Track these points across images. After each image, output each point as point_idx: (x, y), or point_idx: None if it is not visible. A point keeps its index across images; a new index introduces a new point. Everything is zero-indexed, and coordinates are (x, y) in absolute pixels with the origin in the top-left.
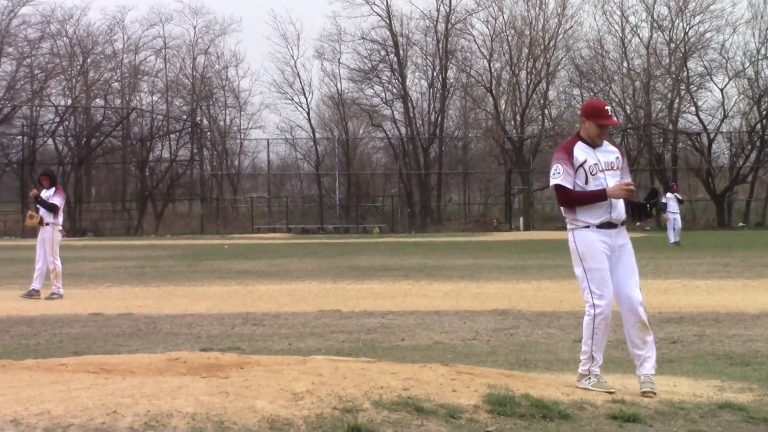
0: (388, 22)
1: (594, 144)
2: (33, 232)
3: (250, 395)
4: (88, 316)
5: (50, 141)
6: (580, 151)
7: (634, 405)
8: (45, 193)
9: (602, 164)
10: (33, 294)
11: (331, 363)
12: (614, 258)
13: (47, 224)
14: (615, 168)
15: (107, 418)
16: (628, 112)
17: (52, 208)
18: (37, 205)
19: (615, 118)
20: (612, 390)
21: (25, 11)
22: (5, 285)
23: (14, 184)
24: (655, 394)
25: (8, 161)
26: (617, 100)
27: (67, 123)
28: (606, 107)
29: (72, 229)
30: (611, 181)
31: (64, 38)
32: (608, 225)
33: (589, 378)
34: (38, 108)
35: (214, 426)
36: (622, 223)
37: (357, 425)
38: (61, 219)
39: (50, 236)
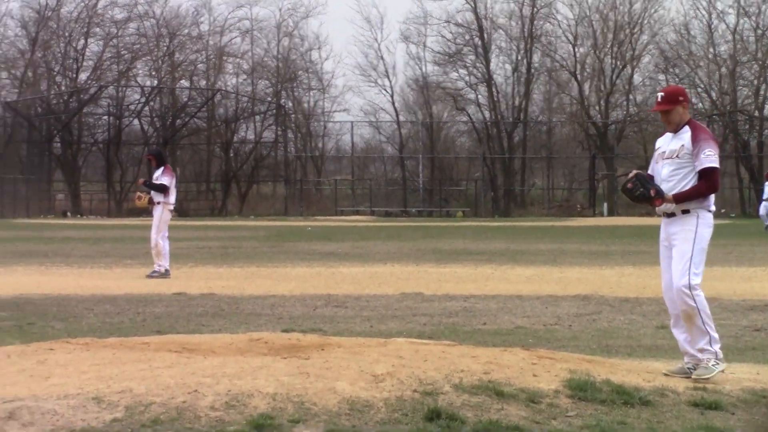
0: (473, 5)
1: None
2: (118, 211)
3: (330, 376)
4: (171, 296)
5: (136, 121)
6: (661, 137)
7: (716, 392)
8: (154, 174)
9: (667, 152)
10: (163, 273)
11: (411, 345)
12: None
13: (158, 203)
14: (676, 156)
15: (188, 397)
16: (714, 98)
17: (162, 189)
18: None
19: (658, 104)
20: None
21: None
22: (90, 264)
23: (100, 163)
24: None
25: (94, 141)
26: (703, 86)
27: (152, 104)
28: (658, 94)
29: None
30: (666, 169)
31: (151, 19)
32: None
33: (718, 362)
34: (124, 88)
35: (294, 406)
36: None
37: (437, 408)
38: (172, 198)
39: (159, 215)
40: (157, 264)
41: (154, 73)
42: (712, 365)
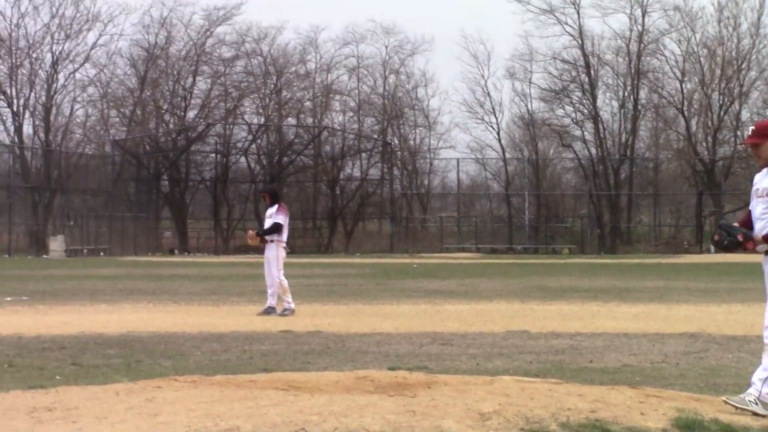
0: (579, 42)
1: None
2: (225, 249)
3: (436, 414)
4: (278, 333)
5: (243, 159)
6: (758, 173)
7: None
8: (269, 210)
9: (761, 189)
10: (269, 311)
11: (518, 383)
12: None
13: (271, 241)
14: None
15: None
16: None
17: (277, 229)
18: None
19: (749, 138)
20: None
21: (221, 30)
22: (197, 301)
23: (207, 201)
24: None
25: (202, 178)
26: None
27: (259, 141)
28: (749, 127)
29: None
30: (759, 207)
31: (258, 57)
32: None
33: (758, 402)
34: (232, 126)
35: None
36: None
37: None
38: (285, 236)
39: (275, 253)
40: (286, 302)
41: (261, 110)
42: (750, 401)
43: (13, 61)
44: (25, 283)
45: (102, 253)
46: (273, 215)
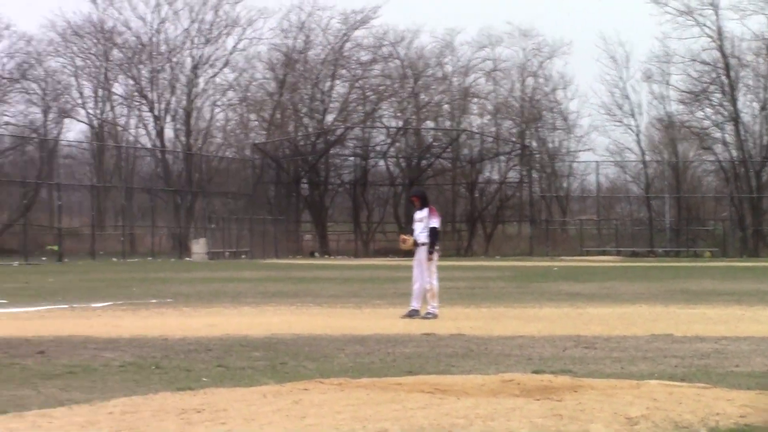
0: (718, 43)
1: None
2: (365, 252)
3: (584, 419)
4: (420, 336)
5: (381, 162)
6: None
7: None
8: (419, 214)
9: None
10: (413, 314)
11: (665, 388)
12: None
13: (422, 244)
14: None
15: None
16: None
17: (435, 235)
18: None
19: None
20: None
21: (359, 34)
22: (339, 304)
23: (347, 204)
24: None
25: (341, 181)
26: None
27: (398, 144)
28: None
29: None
30: None
31: (396, 60)
32: None
33: None
34: (370, 129)
35: None
36: None
37: None
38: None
39: (426, 257)
40: (431, 306)
41: (399, 113)
42: None
43: (154, 65)
44: (169, 285)
45: (243, 256)
46: (425, 219)
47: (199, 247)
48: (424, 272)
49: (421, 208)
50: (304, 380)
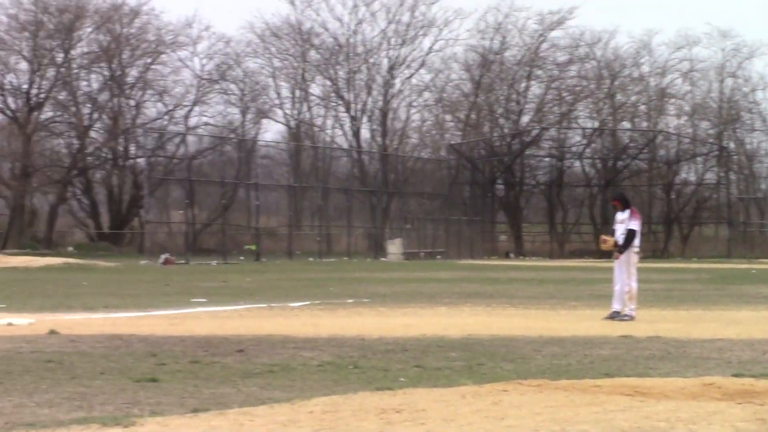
0: None
1: None
2: (560, 253)
3: None
4: (617, 338)
5: (577, 163)
6: None
7: None
8: (620, 216)
9: None
10: (614, 316)
11: None
12: None
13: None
14: None
15: None
16: None
17: (631, 236)
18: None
19: None
20: None
21: (555, 35)
22: (535, 305)
23: (542, 204)
24: None
25: (536, 182)
26: None
27: (594, 145)
28: None
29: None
30: None
31: (592, 61)
32: None
33: None
34: (566, 130)
35: None
36: None
37: None
38: (637, 241)
39: (626, 258)
40: (629, 308)
41: (595, 114)
42: None
43: (351, 66)
44: (365, 285)
45: (438, 257)
46: (626, 221)
47: (394, 247)
48: (623, 274)
49: (622, 210)
50: (502, 381)
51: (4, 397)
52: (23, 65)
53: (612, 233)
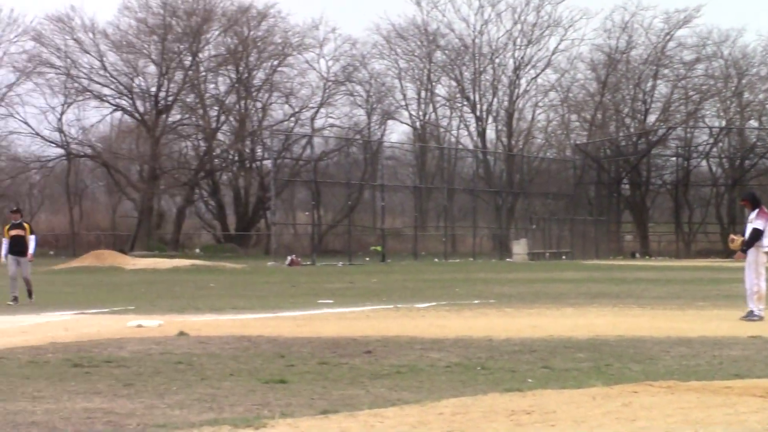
0: None
1: None
2: (687, 253)
3: None
4: (747, 339)
5: (704, 162)
6: None
7: None
8: (751, 215)
9: None
10: (749, 315)
11: None
12: None
13: (754, 247)
14: None
15: None
16: None
17: (756, 236)
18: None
19: None
20: None
21: (681, 33)
22: (662, 305)
23: (668, 204)
24: None
25: (662, 182)
26: None
27: (721, 144)
28: None
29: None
30: None
31: (719, 60)
32: None
33: None
34: (692, 129)
35: None
36: None
37: None
38: (766, 241)
39: (755, 258)
40: (758, 308)
41: (722, 113)
42: None
43: (476, 67)
44: (491, 286)
45: (564, 257)
46: (753, 221)
47: (519, 247)
48: (751, 273)
49: (752, 210)
50: (631, 383)
51: (135, 399)
52: (152, 68)
53: (743, 233)
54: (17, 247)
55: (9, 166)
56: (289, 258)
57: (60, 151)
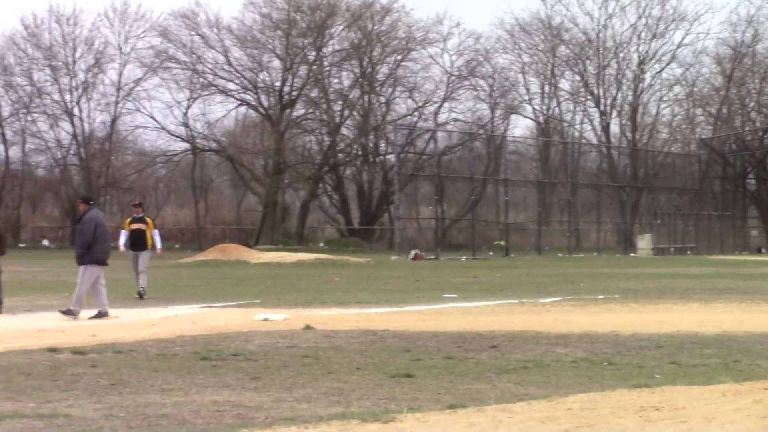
0: None
1: None
2: None
3: None
4: None
5: None
6: None
7: None
8: None
9: None
10: None
11: None
12: None
13: None
14: None
15: None
16: None
17: None
18: None
19: None
20: None
21: None
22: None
23: None
24: None
25: None
26: None
27: None
28: None
29: None
30: None
31: None
32: None
33: None
34: None
35: None
36: None
37: None
38: None
39: None
40: None
41: None
42: None
43: (600, 61)
44: (616, 281)
45: (689, 252)
46: None
47: (644, 242)
48: None
49: None
50: (761, 379)
51: (263, 392)
52: (276, 63)
53: None
54: (138, 242)
55: (135, 161)
56: (412, 252)
57: (185, 145)
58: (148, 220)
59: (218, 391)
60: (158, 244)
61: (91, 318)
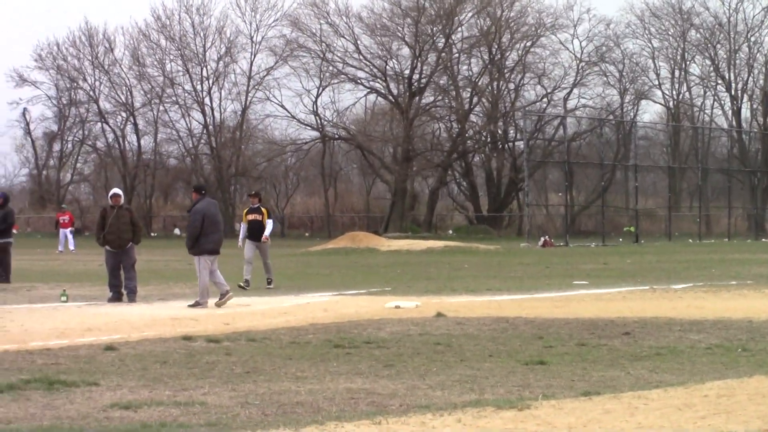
0: None
1: None
2: None
3: None
4: None
5: None
6: None
7: None
8: None
9: None
10: None
11: None
12: None
13: None
14: None
15: None
16: None
17: None
18: None
19: None
20: None
21: None
22: None
23: None
24: None
25: None
26: None
27: None
28: None
29: None
30: None
31: None
32: None
33: None
34: None
35: None
36: None
37: None
38: None
39: None
40: None
41: None
42: None
43: (731, 45)
44: (747, 267)
45: None
46: None
47: None
48: None
49: None
50: None
51: (396, 379)
52: (405, 51)
53: None
54: (255, 232)
55: (266, 149)
56: (542, 239)
57: (315, 133)
58: (264, 210)
59: (352, 378)
60: (267, 232)
61: (216, 303)
